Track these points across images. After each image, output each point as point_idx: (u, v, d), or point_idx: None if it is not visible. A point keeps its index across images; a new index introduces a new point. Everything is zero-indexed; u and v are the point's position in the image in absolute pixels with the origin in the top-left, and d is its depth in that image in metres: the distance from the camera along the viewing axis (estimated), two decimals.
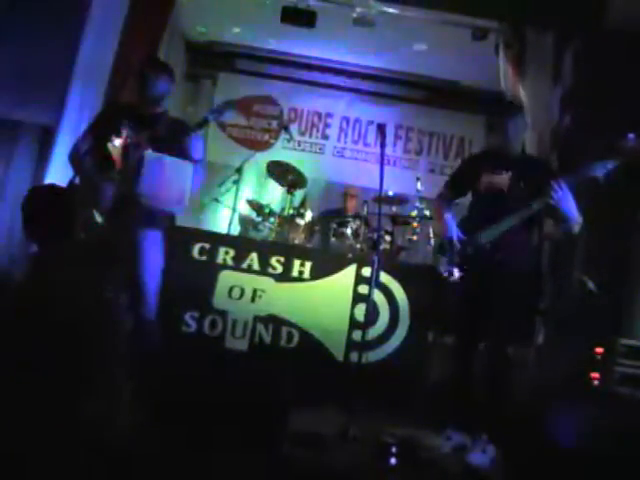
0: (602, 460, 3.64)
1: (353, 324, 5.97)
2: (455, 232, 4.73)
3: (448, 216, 4.84)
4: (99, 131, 4.68)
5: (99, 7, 6.80)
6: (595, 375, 5.78)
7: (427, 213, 7.61)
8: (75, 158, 4.66)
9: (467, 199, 4.96)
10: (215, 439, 3.58)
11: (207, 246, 6.09)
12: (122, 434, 3.51)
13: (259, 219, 7.74)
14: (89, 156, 4.60)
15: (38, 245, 4.52)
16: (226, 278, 6.04)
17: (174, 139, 4.51)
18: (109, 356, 4.28)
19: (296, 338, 5.96)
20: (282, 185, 8.28)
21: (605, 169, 4.32)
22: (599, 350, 5.87)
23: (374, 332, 5.92)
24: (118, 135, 4.51)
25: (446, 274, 4.75)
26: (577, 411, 4.14)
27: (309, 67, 10.08)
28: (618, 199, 5.91)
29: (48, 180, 6.39)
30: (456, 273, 4.68)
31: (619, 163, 4.33)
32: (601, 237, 6.29)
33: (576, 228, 4.50)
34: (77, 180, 4.53)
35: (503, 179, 4.65)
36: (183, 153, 4.51)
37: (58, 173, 6.35)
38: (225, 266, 6.06)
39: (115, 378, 4.10)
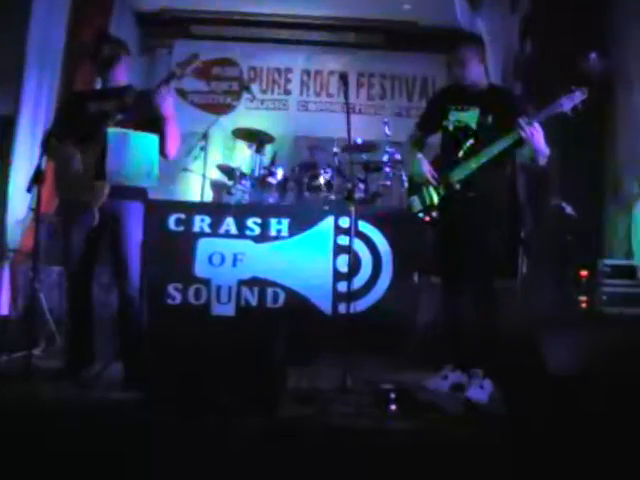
0: (596, 380, 3.66)
1: (337, 276, 5.96)
2: (428, 171, 4.69)
3: (419, 156, 4.80)
4: (67, 118, 4.73)
5: None
6: (582, 298, 5.82)
7: (398, 157, 7.60)
8: (48, 145, 4.64)
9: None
10: (211, 406, 3.58)
11: (183, 216, 6.05)
12: None
13: (231, 183, 7.69)
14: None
15: None
16: (205, 246, 6.01)
17: (141, 111, 4.46)
18: None
19: (282, 297, 5.96)
20: (250, 146, 8.23)
21: (572, 103, 4.30)
22: (583, 273, 5.90)
23: (359, 281, 5.92)
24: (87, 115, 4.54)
25: (420, 214, 4.75)
26: (568, 335, 4.16)
27: (263, 25, 9.97)
28: (588, 123, 5.90)
29: (13, 170, 6.35)
30: (433, 214, 4.68)
31: (586, 95, 4.30)
32: (575, 161, 6.30)
33: (543, 162, 4.49)
34: (43, 165, 4.48)
35: (470, 115, 4.62)
36: (151, 125, 4.48)
37: (22, 162, 6.30)
38: (203, 234, 6.02)
39: None
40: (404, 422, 3.67)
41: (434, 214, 4.69)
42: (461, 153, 4.56)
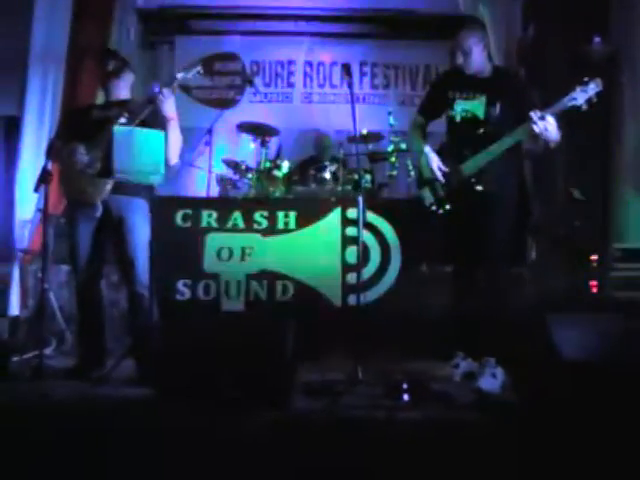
0: (608, 365, 3.65)
1: (346, 267, 5.95)
2: (437, 167, 4.66)
3: (427, 149, 4.76)
4: (71, 125, 4.84)
5: None
6: (593, 282, 5.78)
7: (403, 146, 7.58)
8: (53, 149, 4.69)
9: (442, 126, 4.90)
10: (222, 401, 3.58)
11: (189, 212, 6.04)
12: None
13: (236, 177, 7.69)
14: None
15: None
16: (213, 241, 6.00)
17: (144, 114, 4.52)
18: None
19: (291, 290, 5.95)
20: (254, 140, 8.23)
21: (587, 95, 4.25)
22: (593, 257, 5.87)
23: (368, 272, 5.91)
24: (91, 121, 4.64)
25: (433, 208, 4.72)
26: (579, 320, 4.14)
27: (264, 17, 9.90)
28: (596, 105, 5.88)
29: (20, 169, 6.36)
30: (447, 206, 4.66)
31: (600, 87, 4.25)
32: (584, 145, 6.25)
33: (553, 146, 4.46)
34: (49, 166, 4.52)
35: (477, 105, 4.58)
36: (154, 126, 4.50)
37: (29, 162, 6.32)
38: (210, 229, 6.02)
39: None
40: (417, 413, 3.66)
41: (447, 206, 4.66)
42: (471, 146, 4.52)
